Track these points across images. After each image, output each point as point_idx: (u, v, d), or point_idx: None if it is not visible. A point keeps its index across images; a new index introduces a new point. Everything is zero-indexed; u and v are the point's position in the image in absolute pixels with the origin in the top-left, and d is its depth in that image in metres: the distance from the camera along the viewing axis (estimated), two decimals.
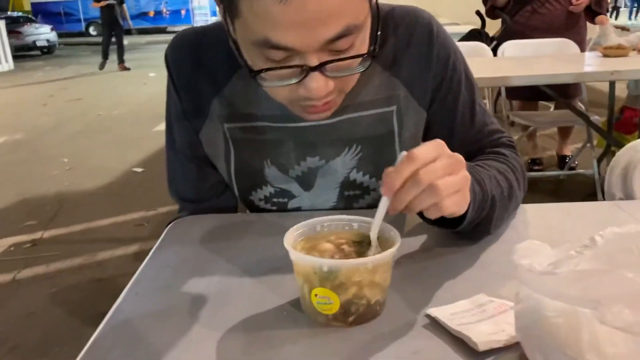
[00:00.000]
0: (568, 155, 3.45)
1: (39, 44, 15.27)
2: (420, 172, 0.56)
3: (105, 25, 10.22)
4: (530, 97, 3.23)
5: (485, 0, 3.32)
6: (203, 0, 22.48)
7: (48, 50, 15.61)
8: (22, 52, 14.64)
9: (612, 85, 2.78)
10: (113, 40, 10.07)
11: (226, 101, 0.84)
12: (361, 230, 0.62)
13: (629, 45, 2.60)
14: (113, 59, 10.21)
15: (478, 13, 3.56)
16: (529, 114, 3.20)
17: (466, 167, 0.61)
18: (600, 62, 2.53)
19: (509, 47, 3.09)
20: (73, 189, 3.74)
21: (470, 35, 3.44)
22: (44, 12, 21.47)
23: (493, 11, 3.27)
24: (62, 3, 22.29)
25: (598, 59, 2.60)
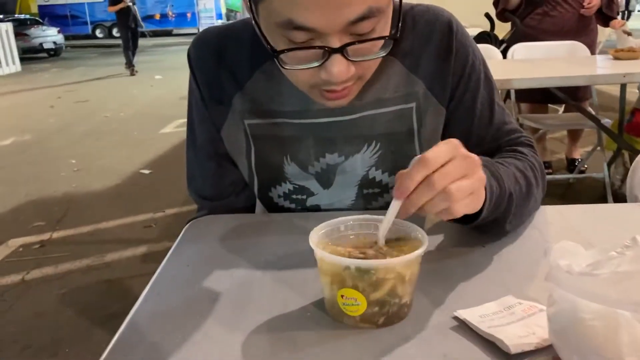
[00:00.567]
0: (577, 159, 3.43)
1: (45, 46, 15.37)
2: (433, 176, 0.55)
3: (123, 28, 9.85)
4: (540, 100, 3.21)
5: (496, 3, 3.31)
6: (209, 3, 22.59)
7: (55, 52, 15.72)
8: (29, 55, 14.75)
9: (623, 87, 2.77)
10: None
11: (247, 97, 0.84)
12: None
13: None
14: (118, 61, 10.23)
15: (487, 15, 3.56)
16: (539, 116, 3.18)
17: (484, 163, 0.60)
18: (611, 64, 2.52)
19: (519, 49, 3.08)
20: (81, 190, 3.75)
21: (480, 37, 3.44)
22: (50, 15, 21.64)
23: (504, 14, 3.26)
24: (69, 6, 22.45)
25: (609, 61, 2.60)
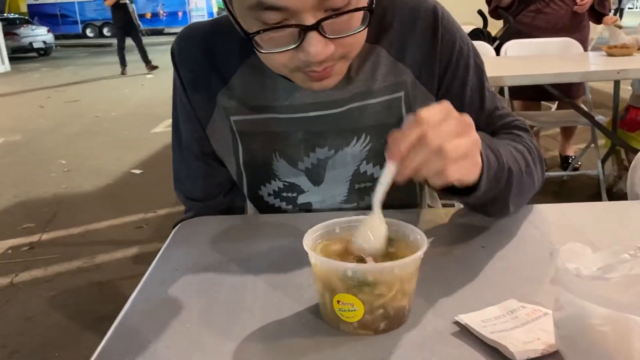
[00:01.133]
0: (571, 156, 3.43)
1: (35, 45, 15.22)
2: (428, 134, 0.53)
3: (118, 27, 9.46)
4: (534, 97, 3.20)
5: (489, 1, 3.30)
6: (200, 2, 22.50)
7: (45, 52, 15.57)
8: (19, 54, 14.60)
9: (616, 84, 2.76)
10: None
11: (233, 93, 0.82)
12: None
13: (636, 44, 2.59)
14: (109, 60, 10.13)
15: (480, 12, 3.54)
16: (532, 114, 3.17)
17: (479, 133, 0.58)
18: (605, 61, 2.52)
19: (512, 46, 3.06)
20: (71, 191, 3.70)
21: (473, 34, 3.42)
22: (40, 14, 21.43)
23: (497, 11, 3.25)
24: (59, 5, 22.24)
25: (603, 58, 2.60)
